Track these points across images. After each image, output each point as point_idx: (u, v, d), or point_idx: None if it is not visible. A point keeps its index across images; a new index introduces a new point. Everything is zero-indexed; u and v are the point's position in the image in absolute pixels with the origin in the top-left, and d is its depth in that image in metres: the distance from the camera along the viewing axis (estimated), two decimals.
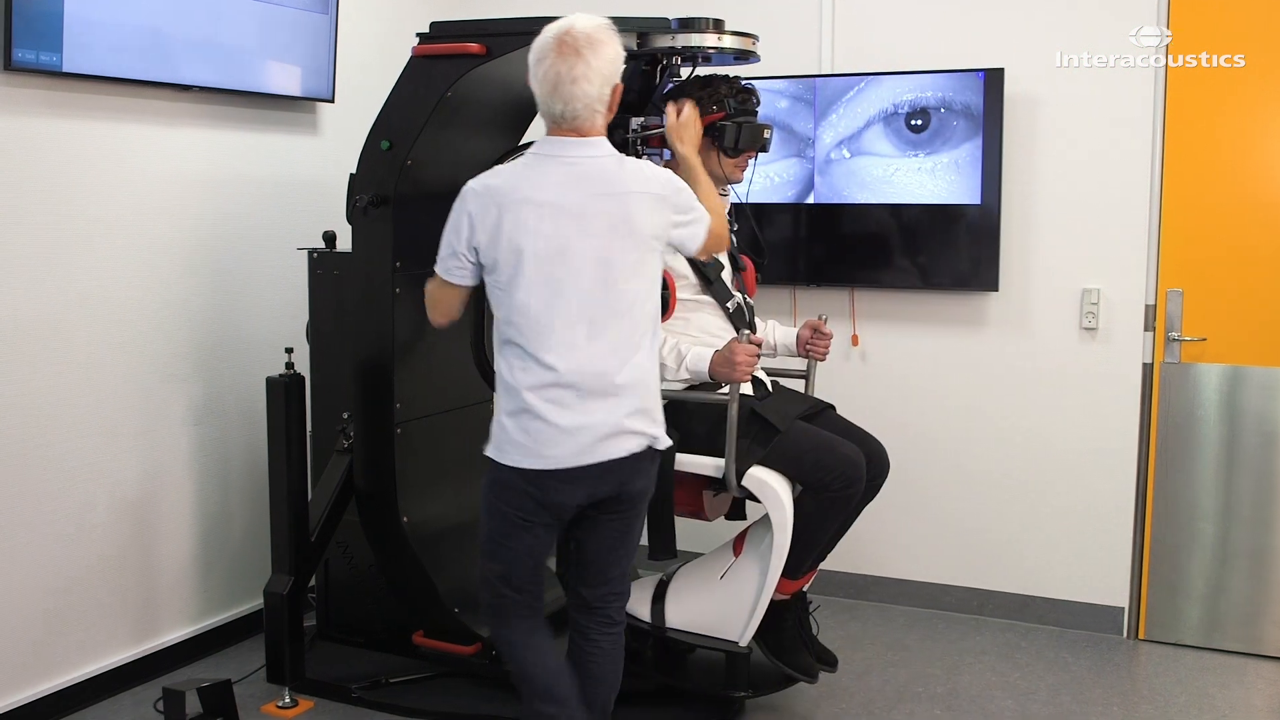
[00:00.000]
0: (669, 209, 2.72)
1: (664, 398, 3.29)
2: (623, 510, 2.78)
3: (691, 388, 3.28)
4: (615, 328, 2.67)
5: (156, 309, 3.79)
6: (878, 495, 3.43)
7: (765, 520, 3.26)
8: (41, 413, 3.44)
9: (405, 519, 3.58)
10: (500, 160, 3.28)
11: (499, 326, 2.73)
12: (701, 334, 3.28)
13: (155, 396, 3.81)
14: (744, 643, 3.30)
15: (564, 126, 2.67)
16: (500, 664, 3.24)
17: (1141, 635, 4.28)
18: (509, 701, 3.27)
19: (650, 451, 2.76)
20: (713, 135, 3.31)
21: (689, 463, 3.25)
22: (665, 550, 3.28)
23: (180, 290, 3.87)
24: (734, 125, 3.30)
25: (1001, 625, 4.41)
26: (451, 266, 2.76)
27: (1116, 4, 4.09)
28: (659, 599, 3.43)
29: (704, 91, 3.30)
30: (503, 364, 2.72)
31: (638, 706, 3.54)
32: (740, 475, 3.18)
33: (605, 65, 2.63)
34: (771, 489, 3.18)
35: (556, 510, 2.73)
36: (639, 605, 3.43)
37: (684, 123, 3.22)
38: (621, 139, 3.36)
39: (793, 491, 3.23)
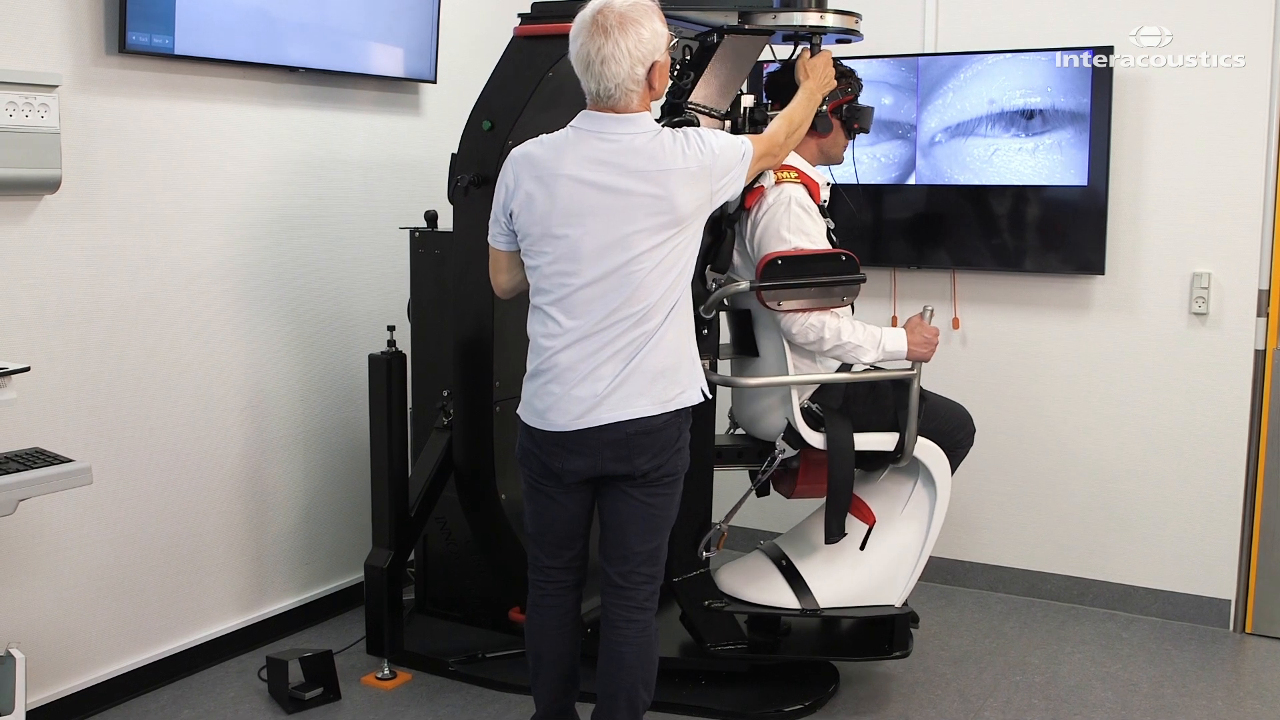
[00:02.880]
0: (711, 179, 2.70)
1: (816, 381, 3.31)
2: (640, 483, 2.74)
3: (841, 368, 3.30)
4: (631, 304, 2.64)
5: (262, 287, 3.87)
6: (960, 474, 3.55)
7: (894, 482, 3.43)
8: (151, 389, 3.54)
9: (503, 496, 3.62)
10: None
11: (531, 291, 2.78)
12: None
13: (261, 373, 3.89)
14: (900, 603, 3.40)
15: (602, 103, 2.68)
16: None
17: (1249, 629, 4.17)
18: None
19: (656, 421, 2.70)
20: (839, 115, 3.33)
21: (863, 441, 3.28)
22: (841, 531, 3.31)
23: (285, 269, 3.95)
24: (868, 108, 3.34)
25: (1102, 615, 4.33)
26: (495, 232, 2.84)
27: None
28: (798, 583, 3.42)
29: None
30: (531, 325, 2.78)
31: (735, 687, 3.55)
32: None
33: (636, 45, 2.60)
34: (936, 452, 3.39)
35: (561, 476, 2.78)
36: (778, 594, 3.43)
37: (821, 63, 3.22)
38: (734, 118, 3.37)
39: None
